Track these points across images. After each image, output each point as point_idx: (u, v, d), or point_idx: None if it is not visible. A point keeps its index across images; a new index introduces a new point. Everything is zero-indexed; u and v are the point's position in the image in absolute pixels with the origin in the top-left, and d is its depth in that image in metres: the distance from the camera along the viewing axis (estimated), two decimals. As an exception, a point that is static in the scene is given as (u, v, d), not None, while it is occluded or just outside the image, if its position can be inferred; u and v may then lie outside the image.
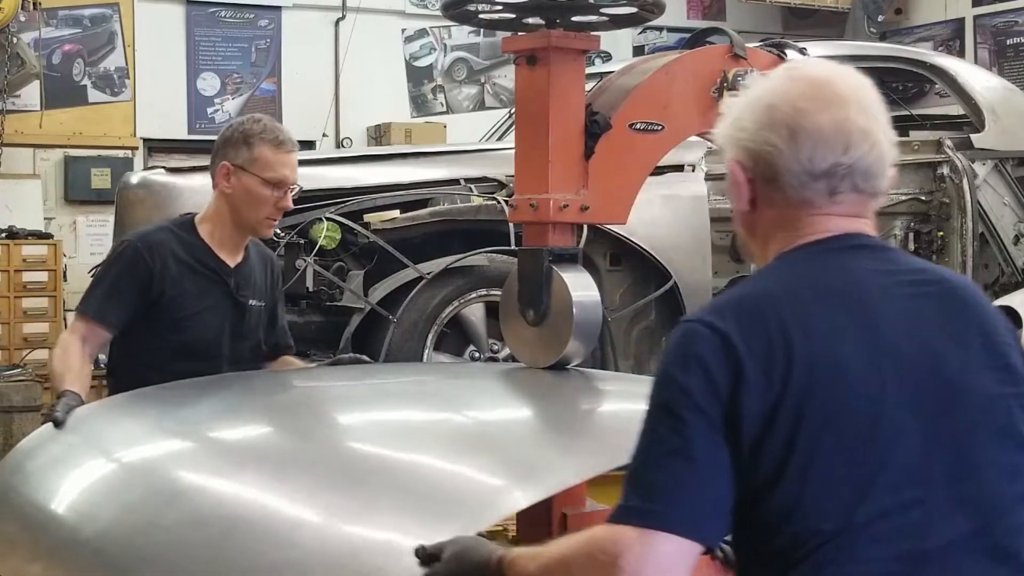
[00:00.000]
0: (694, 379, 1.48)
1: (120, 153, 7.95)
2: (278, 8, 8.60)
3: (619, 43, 8.94)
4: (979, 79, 6.04)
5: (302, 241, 4.52)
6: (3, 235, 6.79)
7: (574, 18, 2.87)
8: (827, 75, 1.63)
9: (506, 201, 4.37)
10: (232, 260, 3.02)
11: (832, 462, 1.46)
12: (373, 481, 2.00)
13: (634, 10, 2.90)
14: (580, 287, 2.79)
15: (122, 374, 3.02)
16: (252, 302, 3.05)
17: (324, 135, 8.39)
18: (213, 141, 3.08)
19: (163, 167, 4.99)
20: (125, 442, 2.43)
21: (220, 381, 2.89)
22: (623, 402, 2.61)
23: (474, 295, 4.62)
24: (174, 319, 2.96)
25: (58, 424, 2.51)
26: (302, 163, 5.30)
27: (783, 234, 1.63)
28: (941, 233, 5.46)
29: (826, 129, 1.57)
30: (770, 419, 1.46)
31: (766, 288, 1.57)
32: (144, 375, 2.85)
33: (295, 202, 3.45)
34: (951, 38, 9.34)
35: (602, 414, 2.68)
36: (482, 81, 9.21)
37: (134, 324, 2.96)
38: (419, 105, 9.03)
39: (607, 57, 7.49)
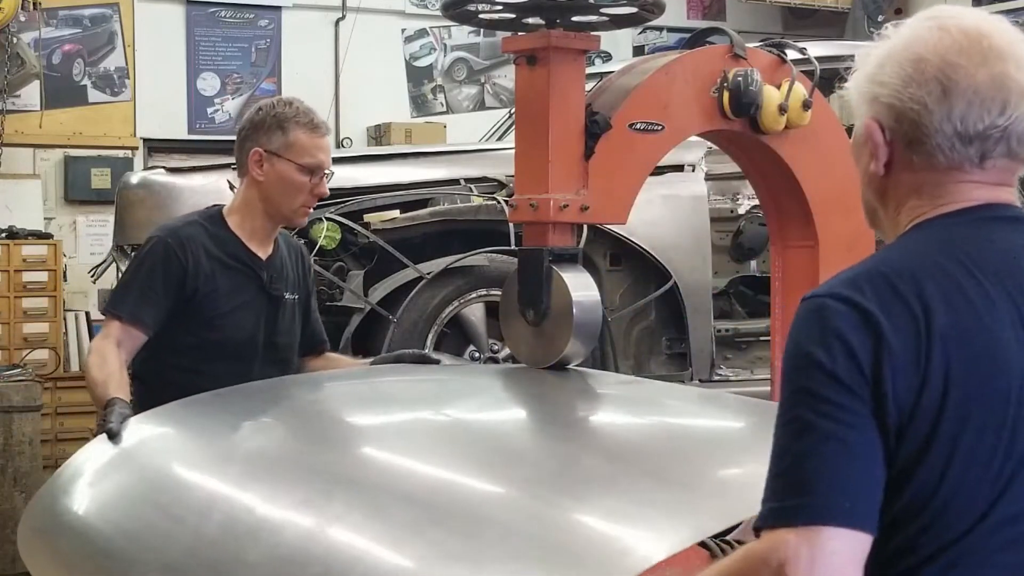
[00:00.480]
0: (838, 357, 1.32)
1: (120, 153, 7.95)
2: (278, 8, 8.59)
3: (619, 43, 8.93)
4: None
5: (302, 241, 4.51)
6: (3, 235, 6.79)
7: (574, 18, 2.87)
8: (982, 26, 1.45)
9: (506, 201, 4.37)
10: (263, 252, 2.90)
11: (974, 452, 1.32)
12: (482, 520, 1.79)
13: (634, 10, 2.90)
14: (580, 287, 2.79)
15: (149, 378, 2.84)
16: (287, 295, 2.92)
17: (324, 135, 8.38)
18: (213, 141, 3.02)
19: (163, 167, 4.98)
20: (192, 463, 2.23)
21: (280, 388, 2.69)
22: (743, 432, 2.34)
23: (474, 295, 4.61)
24: (207, 317, 2.82)
25: (113, 436, 2.34)
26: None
27: (921, 201, 1.48)
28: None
29: (982, 87, 1.41)
30: (916, 401, 1.32)
31: (904, 260, 1.43)
32: (174, 378, 2.74)
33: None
34: (951, 38, 9.31)
35: (726, 448, 2.30)
36: (482, 81, 9.20)
37: (166, 324, 2.81)
38: (419, 105, 9.03)
39: (607, 57, 7.48)
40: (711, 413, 2.55)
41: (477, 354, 4.66)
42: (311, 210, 2.93)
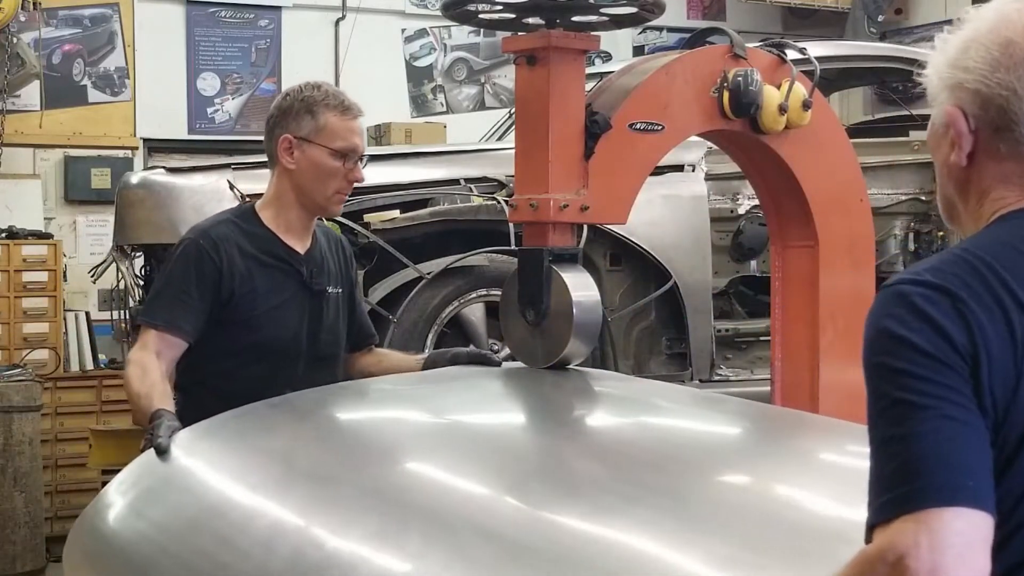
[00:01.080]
0: (932, 337, 1.24)
1: (120, 153, 7.94)
2: (278, 8, 8.59)
3: (619, 43, 8.93)
4: (979, 79, 6.02)
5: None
6: (3, 235, 6.79)
7: (574, 18, 2.87)
8: None
9: (506, 201, 4.37)
10: (302, 246, 2.77)
11: None
12: (573, 563, 1.62)
13: (635, 10, 2.90)
14: (580, 287, 2.79)
15: (191, 388, 2.71)
16: (329, 289, 2.79)
17: (324, 135, 8.38)
18: (213, 141, 2.95)
19: (163, 167, 4.98)
20: (250, 484, 2.04)
21: (333, 398, 2.51)
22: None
23: (474, 295, 4.61)
24: (246, 319, 2.68)
25: (162, 451, 2.21)
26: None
27: (1007, 192, 1.39)
28: (941, 233, 5.45)
29: None
30: (1011, 399, 1.24)
31: (990, 251, 1.33)
32: (216, 385, 2.62)
33: None
34: (951, 38, 9.30)
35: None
36: (482, 81, 9.20)
37: (205, 330, 2.67)
38: (419, 105, 9.02)
39: (607, 57, 7.48)
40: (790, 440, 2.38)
41: (477, 354, 4.66)
42: (347, 197, 2.81)
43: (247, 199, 4.48)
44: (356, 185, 4.76)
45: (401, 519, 1.80)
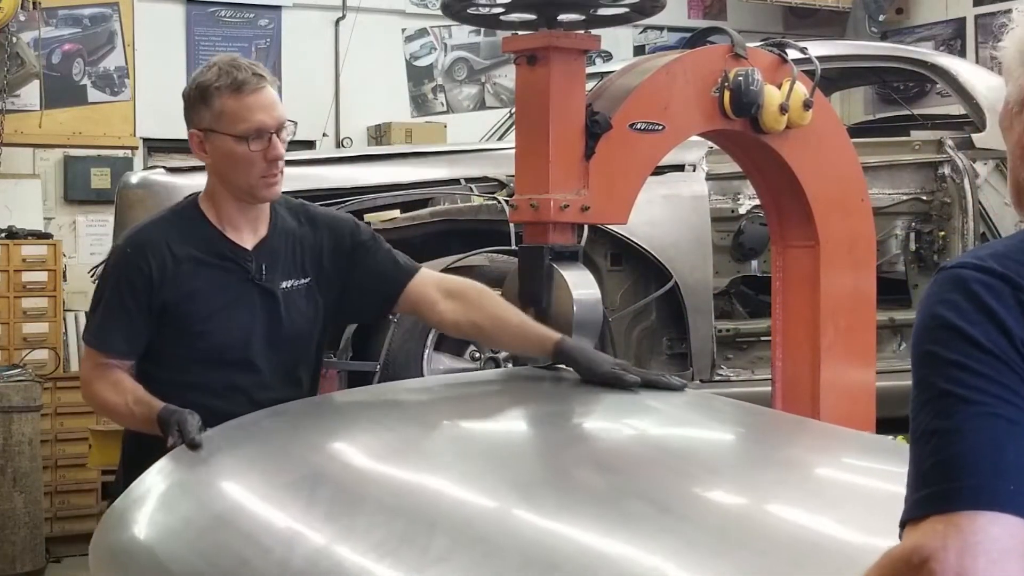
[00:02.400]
0: (988, 328, 1.16)
1: (120, 153, 7.94)
2: (278, 8, 8.59)
3: (619, 43, 8.92)
4: (980, 79, 6.02)
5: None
6: (3, 235, 6.79)
7: (576, 17, 2.87)
8: None
9: (507, 201, 4.36)
10: (251, 239, 2.54)
11: None
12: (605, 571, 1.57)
13: (626, 9, 2.91)
14: (580, 285, 2.79)
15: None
16: (286, 284, 2.54)
17: (324, 135, 8.38)
18: None
19: (163, 167, 4.97)
20: (275, 485, 2.01)
21: (350, 403, 2.43)
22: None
23: (474, 295, 4.61)
24: (189, 325, 2.49)
25: (196, 447, 2.18)
26: (301, 163, 5.32)
27: None
28: (943, 233, 5.45)
29: None
30: None
31: None
32: (177, 396, 2.40)
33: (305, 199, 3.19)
34: (952, 38, 9.32)
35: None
36: (482, 81, 9.19)
37: (153, 341, 2.51)
38: (419, 105, 9.02)
39: (607, 57, 7.48)
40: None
41: (477, 354, 4.65)
42: (277, 179, 2.49)
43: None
44: (356, 185, 4.85)
45: (427, 522, 1.79)
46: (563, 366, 2.82)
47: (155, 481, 2.17)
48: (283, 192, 2.63)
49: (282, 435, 2.29)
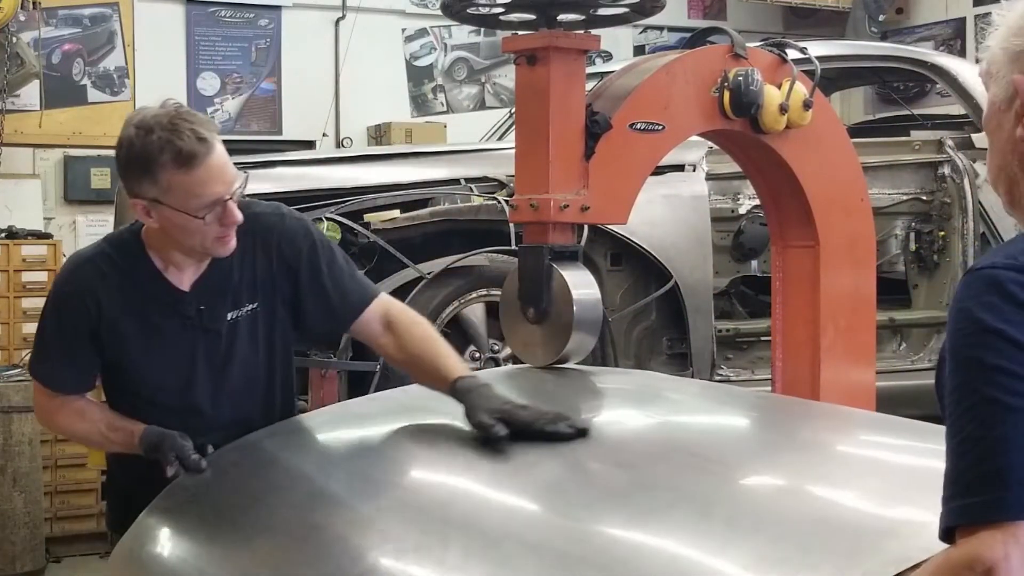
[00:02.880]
0: None
1: (120, 153, 7.94)
2: (278, 8, 8.59)
3: (619, 43, 8.92)
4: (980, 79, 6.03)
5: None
6: (3, 235, 6.79)
7: (576, 17, 2.87)
8: None
9: (506, 201, 4.36)
10: (190, 278, 2.38)
11: None
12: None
13: (626, 9, 2.91)
14: (580, 285, 2.79)
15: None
16: (232, 315, 2.39)
17: (324, 135, 8.38)
18: None
19: (163, 167, 4.97)
20: (285, 502, 2.02)
21: (364, 408, 2.41)
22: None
23: (474, 295, 4.61)
24: (126, 368, 2.37)
25: (201, 471, 2.18)
26: (302, 163, 5.31)
27: None
28: (943, 233, 5.45)
29: None
30: None
31: None
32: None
33: (292, 200, 3.10)
34: (952, 38, 9.32)
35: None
36: (482, 81, 9.19)
37: (102, 376, 2.41)
38: (419, 105, 9.02)
39: (607, 57, 7.48)
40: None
41: (477, 354, 4.65)
42: (232, 236, 2.31)
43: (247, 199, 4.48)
44: (356, 185, 4.85)
45: (440, 531, 1.81)
46: (564, 365, 2.82)
47: (164, 509, 2.18)
48: (281, 192, 2.51)
49: (290, 452, 2.29)
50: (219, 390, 2.40)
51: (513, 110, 4.14)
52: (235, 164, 2.32)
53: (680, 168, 4.97)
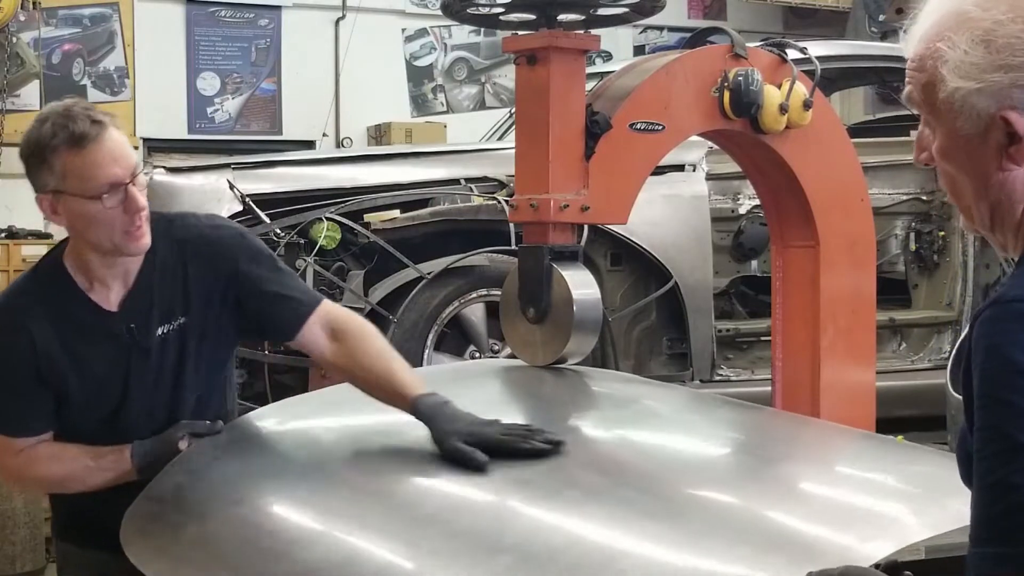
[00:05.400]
0: None
1: (120, 153, 7.94)
2: (278, 8, 8.59)
3: (619, 43, 8.93)
4: (980, 79, 6.02)
5: (302, 241, 4.51)
6: (3, 235, 6.79)
7: (576, 17, 2.87)
8: None
9: (506, 201, 4.37)
10: (117, 293, 2.27)
11: None
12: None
13: (626, 9, 2.91)
14: (580, 284, 2.79)
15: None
16: (161, 330, 2.29)
17: (324, 135, 8.39)
18: (213, 141, 2.63)
19: (163, 167, 4.98)
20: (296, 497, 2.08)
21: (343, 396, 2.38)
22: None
23: (474, 295, 4.61)
24: (66, 399, 2.26)
25: (218, 430, 2.25)
26: (302, 163, 5.31)
27: None
28: (943, 233, 5.45)
29: None
30: None
31: None
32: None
33: (292, 200, 3.07)
34: (952, 38, 9.31)
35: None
36: (482, 81, 9.20)
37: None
38: (419, 105, 9.02)
39: (607, 57, 7.48)
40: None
41: (477, 354, 4.66)
42: (142, 229, 2.20)
43: (246, 199, 4.48)
44: (356, 185, 4.85)
45: (419, 527, 1.90)
46: (563, 365, 2.82)
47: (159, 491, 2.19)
48: (281, 191, 2.42)
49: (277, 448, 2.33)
50: (154, 406, 2.31)
51: (513, 110, 4.14)
52: (234, 163, 2.21)
53: (680, 168, 4.97)
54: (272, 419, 2.44)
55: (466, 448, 2.07)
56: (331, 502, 2.06)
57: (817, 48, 3.74)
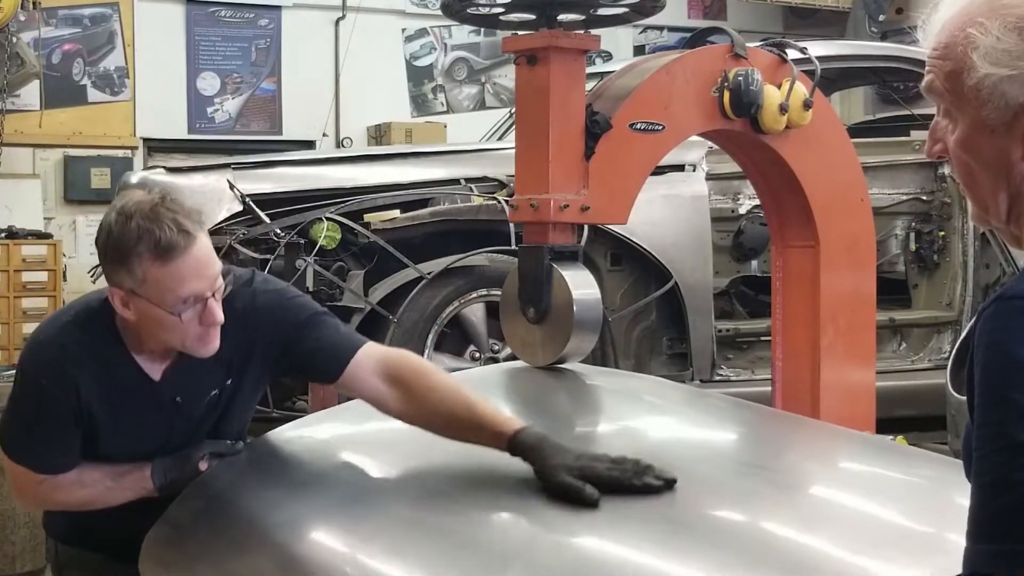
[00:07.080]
0: None
1: (120, 153, 7.95)
2: (278, 8, 8.59)
3: (619, 43, 8.93)
4: (980, 79, 6.02)
5: (302, 241, 4.51)
6: (3, 235, 6.79)
7: (576, 17, 2.87)
8: None
9: (506, 201, 4.37)
10: (160, 365, 2.24)
11: None
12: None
13: (626, 9, 2.91)
14: (580, 285, 2.79)
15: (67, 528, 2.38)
16: (210, 396, 2.29)
17: (324, 135, 8.39)
18: (213, 141, 2.58)
19: (163, 167, 4.98)
20: (333, 528, 2.04)
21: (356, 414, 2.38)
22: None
23: (474, 295, 4.61)
24: (93, 441, 2.24)
25: (238, 451, 2.26)
26: (302, 163, 5.31)
27: None
28: (943, 233, 5.45)
29: None
30: None
31: None
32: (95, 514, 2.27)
33: (292, 200, 3.05)
34: (952, 38, 9.31)
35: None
36: (482, 81, 9.20)
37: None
38: (419, 105, 9.02)
39: (607, 57, 7.48)
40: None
41: (477, 354, 4.66)
42: (216, 336, 2.16)
43: (246, 199, 4.48)
44: (356, 185, 4.85)
45: (419, 535, 1.90)
46: (563, 366, 2.82)
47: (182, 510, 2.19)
48: (281, 191, 2.34)
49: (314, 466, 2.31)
50: (186, 445, 2.31)
51: (513, 110, 4.14)
52: (234, 163, 2.13)
53: (680, 168, 4.97)
54: (293, 436, 2.42)
55: (577, 484, 1.93)
56: (367, 534, 1.98)
57: (817, 48, 3.74)
